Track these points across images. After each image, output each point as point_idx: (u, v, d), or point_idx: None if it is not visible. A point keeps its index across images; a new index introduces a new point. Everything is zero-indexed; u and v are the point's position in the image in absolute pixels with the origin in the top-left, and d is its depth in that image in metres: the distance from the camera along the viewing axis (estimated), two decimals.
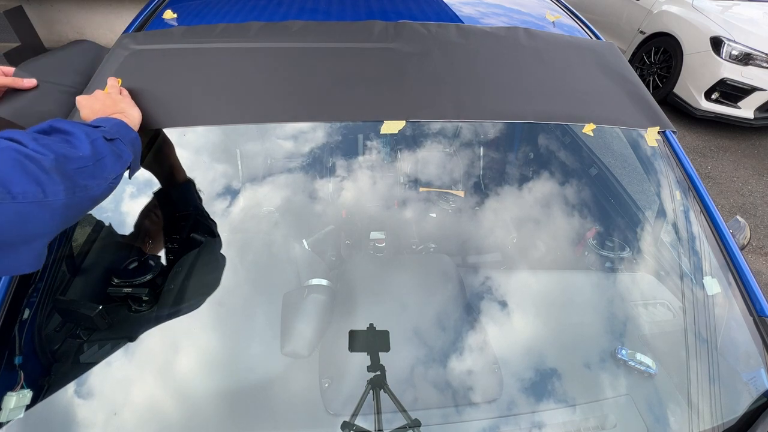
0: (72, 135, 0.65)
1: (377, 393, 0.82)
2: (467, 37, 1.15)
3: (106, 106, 0.83)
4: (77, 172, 0.62)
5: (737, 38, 3.56)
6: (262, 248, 1.16)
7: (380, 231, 1.27)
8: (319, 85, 1.00)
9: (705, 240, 1.02)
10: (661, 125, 1.12)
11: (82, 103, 0.84)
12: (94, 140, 0.68)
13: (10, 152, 0.54)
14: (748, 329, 0.90)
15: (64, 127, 0.66)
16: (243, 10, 1.29)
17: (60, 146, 0.61)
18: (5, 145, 0.55)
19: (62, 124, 0.67)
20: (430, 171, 1.55)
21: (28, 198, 0.54)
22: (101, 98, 0.85)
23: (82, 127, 0.69)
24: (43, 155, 0.57)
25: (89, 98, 0.85)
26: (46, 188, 0.56)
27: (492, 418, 0.83)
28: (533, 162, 1.65)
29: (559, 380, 0.90)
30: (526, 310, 1.04)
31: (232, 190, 1.31)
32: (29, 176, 0.54)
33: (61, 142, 0.63)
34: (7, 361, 0.76)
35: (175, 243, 1.06)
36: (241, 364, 0.90)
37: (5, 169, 0.53)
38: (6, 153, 0.54)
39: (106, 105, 0.84)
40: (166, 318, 0.94)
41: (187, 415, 0.81)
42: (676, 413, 0.86)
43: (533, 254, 1.27)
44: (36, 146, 0.57)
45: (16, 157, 0.54)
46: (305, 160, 1.47)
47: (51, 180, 0.57)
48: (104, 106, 0.83)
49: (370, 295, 1.04)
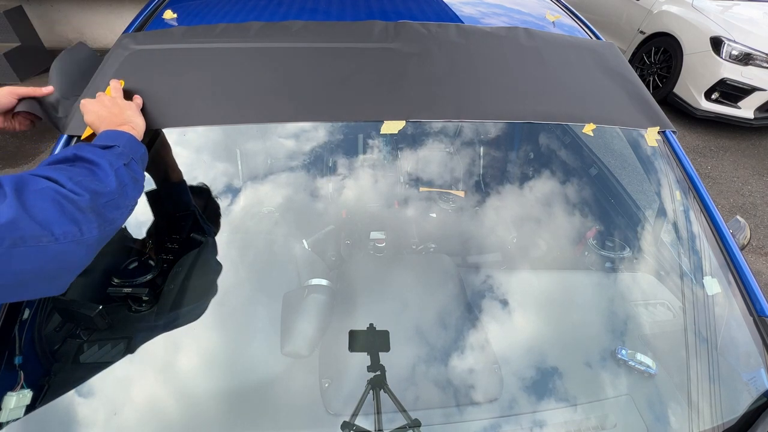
0: (97, 166, 0.67)
1: (377, 393, 0.82)
2: (467, 37, 1.15)
3: (113, 114, 0.82)
4: (105, 207, 0.64)
5: (737, 38, 3.56)
6: (262, 248, 1.16)
7: (380, 231, 1.27)
8: (319, 85, 1.00)
9: (705, 240, 1.02)
10: (661, 125, 1.12)
11: (88, 107, 0.83)
12: (117, 169, 0.70)
13: (50, 193, 0.57)
14: (748, 329, 0.90)
15: (89, 156, 0.68)
16: (243, 10, 1.29)
17: (90, 182, 0.64)
18: (45, 185, 0.58)
19: (86, 153, 0.68)
20: (430, 171, 1.55)
21: (68, 238, 0.57)
22: (107, 104, 0.84)
23: (105, 155, 0.70)
24: (80, 196, 0.60)
25: (94, 103, 0.84)
26: (82, 227, 0.59)
27: (492, 418, 0.83)
28: (533, 162, 1.65)
29: (559, 380, 0.90)
30: (526, 310, 1.04)
31: (232, 190, 1.31)
32: (68, 217, 0.58)
33: (89, 174, 0.65)
34: (7, 361, 0.76)
35: (175, 243, 1.06)
36: (241, 364, 0.90)
37: (49, 213, 0.56)
38: (47, 194, 0.57)
39: (113, 113, 0.83)
40: (166, 318, 0.94)
41: (187, 415, 0.81)
42: (676, 413, 0.86)
43: (533, 254, 1.27)
44: (72, 186, 0.60)
45: (56, 198, 0.57)
46: (305, 160, 1.46)
47: (86, 219, 0.60)
48: (111, 114, 0.82)
49: (370, 295, 1.04)
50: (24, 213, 0.54)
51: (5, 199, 0.54)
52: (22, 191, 0.56)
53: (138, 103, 0.90)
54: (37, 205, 0.55)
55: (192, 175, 1.22)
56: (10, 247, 0.52)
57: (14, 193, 0.55)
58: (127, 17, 1.12)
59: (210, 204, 1.23)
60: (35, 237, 0.54)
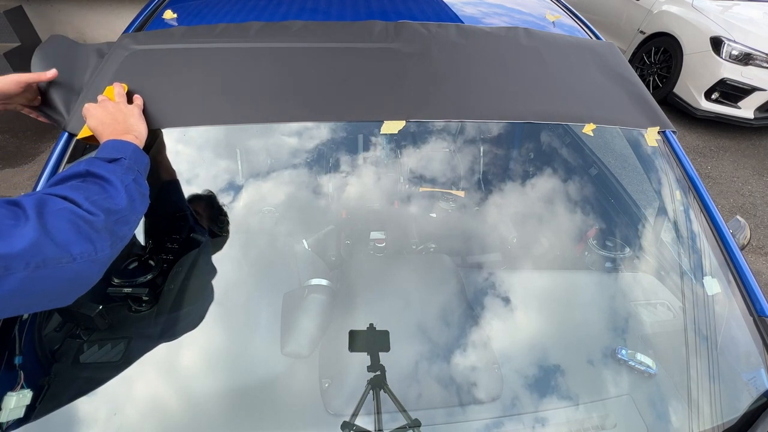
0: (109, 183, 0.68)
1: (377, 393, 0.82)
2: (467, 37, 1.15)
3: (116, 121, 0.82)
4: (116, 224, 0.66)
5: (737, 38, 3.56)
6: (262, 248, 1.16)
7: (380, 231, 1.27)
8: (320, 85, 1.00)
9: (705, 240, 1.02)
10: (661, 125, 1.12)
11: (91, 112, 0.82)
12: (127, 186, 0.71)
13: (68, 214, 0.59)
14: (748, 329, 0.90)
15: (100, 173, 0.69)
16: (243, 10, 1.29)
17: (104, 200, 0.65)
18: (63, 206, 0.59)
19: (98, 169, 0.69)
20: (430, 171, 1.55)
21: (84, 257, 0.59)
22: (111, 110, 0.83)
23: (115, 171, 0.71)
24: (95, 216, 0.62)
25: (98, 108, 0.83)
26: (96, 245, 0.61)
27: (492, 418, 0.83)
28: (533, 162, 1.65)
29: (559, 380, 0.90)
30: (526, 310, 1.04)
31: (232, 190, 1.31)
32: (84, 237, 0.59)
33: (101, 192, 0.66)
34: (7, 361, 0.76)
35: (175, 243, 1.06)
36: (242, 364, 0.90)
37: (68, 234, 0.57)
38: (65, 215, 0.58)
39: (117, 119, 0.82)
40: (166, 318, 0.94)
41: (187, 415, 0.81)
42: (676, 413, 0.86)
43: (533, 254, 1.27)
44: (88, 206, 0.62)
45: (72, 219, 0.59)
46: (305, 160, 1.46)
47: (100, 237, 0.62)
48: (114, 121, 0.82)
49: (370, 295, 1.04)
50: (45, 236, 0.55)
51: (28, 221, 0.55)
52: (42, 212, 0.57)
53: (139, 104, 0.90)
54: (56, 226, 0.57)
55: (192, 176, 1.22)
56: (34, 270, 0.53)
57: (36, 215, 0.56)
58: (127, 17, 1.11)
59: (210, 204, 1.22)
60: (56, 259, 0.55)
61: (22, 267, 0.52)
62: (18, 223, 0.54)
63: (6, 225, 0.53)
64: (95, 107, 0.83)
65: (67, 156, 0.93)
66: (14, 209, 0.56)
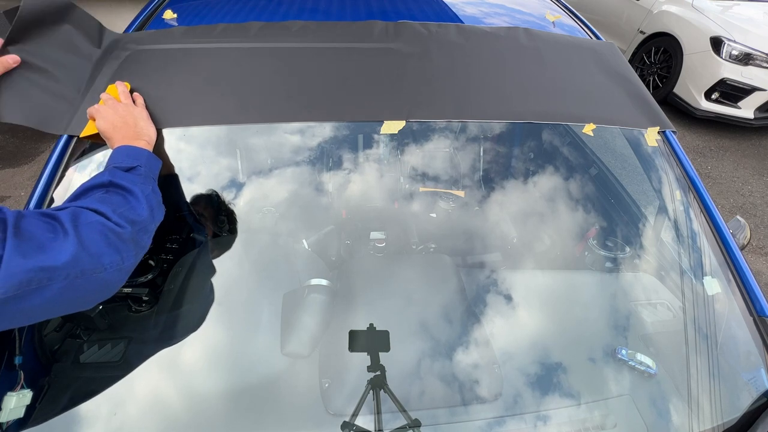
0: (131, 194, 0.71)
1: (377, 393, 0.82)
2: (467, 37, 1.15)
3: (128, 124, 0.81)
4: (139, 234, 0.69)
5: (737, 38, 3.56)
6: (262, 248, 1.16)
7: (380, 231, 1.27)
8: (319, 85, 1.00)
9: (705, 240, 1.02)
10: (661, 125, 1.12)
11: (101, 113, 0.81)
12: (147, 195, 0.73)
13: (99, 227, 0.62)
14: (748, 329, 0.90)
15: (123, 183, 0.71)
16: (243, 10, 1.29)
17: (128, 212, 0.68)
18: (95, 219, 0.63)
19: (120, 180, 0.71)
20: (430, 171, 1.55)
21: (113, 267, 0.62)
22: (121, 112, 0.82)
23: (136, 182, 0.73)
24: (123, 228, 0.65)
25: (107, 110, 0.82)
26: (123, 255, 0.64)
27: (492, 418, 0.83)
28: (533, 162, 1.65)
29: (559, 380, 0.90)
30: (526, 311, 1.04)
31: (232, 190, 1.31)
32: (113, 248, 0.63)
33: (125, 204, 0.69)
34: (7, 361, 0.76)
35: (175, 243, 1.06)
36: (242, 363, 0.90)
37: (100, 245, 0.61)
38: (96, 228, 0.62)
39: (128, 123, 0.81)
40: (166, 318, 0.94)
41: (187, 415, 0.81)
42: (676, 413, 0.86)
43: (533, 254, 1.27)
44: (117, 219, 0.65)
45: (103, 231, 0.62)
46: (305, 159, 1.46)
47: (127, 248, 0.65)
48: (125, 124, 0.81)
49: (370, 295, 1.04)
50: (82, 248, 0.58)
51: (67, 236, 0.58)
52: (77, 225, 0.60)
53: (141, 103, 0.89)
54: (90, 239, 0.60)
55: (191, 175, 1.22)
56: (73, 280, 0.57)
57: (73, 228, 0.59)
58: (127, 17, 1.12)
59: (210, 204, 1.22)
60: (91, 270, 0.59)
61: (63, 278, 0.56)
62: (57, 236, 0.57)
63: (47, 238, 0.56)
64: (105, 109, 0.82)
65: (68, 156, 0.93)
66: (52, 222, 0.59)
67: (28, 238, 0.54)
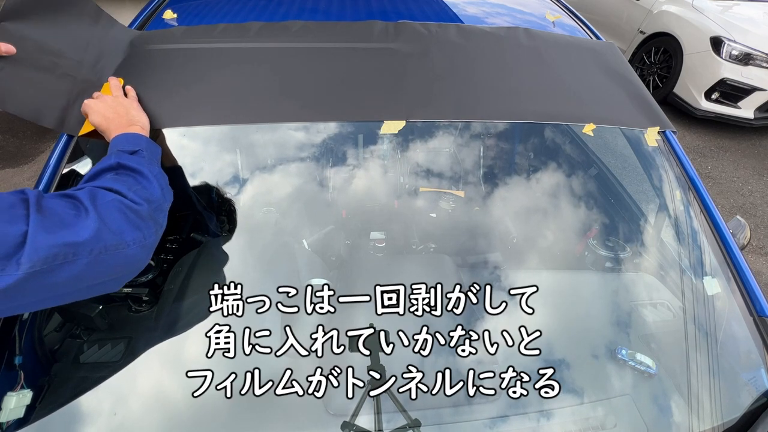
0: (141, 174, 0.72)
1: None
2: (467, 37, 1.15)
3: (118, 114, 0.81)
4: (156, 212, 0.70)
5: (737, 38, 3.56)
6: (262, 248, 1.16)
7: (380, 231, 1.27)
8: (319, 85, 1.00)
9: (705, 240, 1.02)
10: (662, 125, 1.12)
11: (92, 107, 0.82)
12: (156, 175, 0.74)
13: (117, 204, 0.63)
14: (748, 329, 0.90)
15: (131, 165, 0.72)
16: (243, 10, 1.29)
17: (142, 190, 0.69)
18: (112, 197, 0.64)
19: (128, 161, 0.72)
20: (431, 171, 1.55)
21: (137, 243, 0.64)
22: (111, 104, 0.83)
23: (143, 163, 0.74)
24: (140, 205, 0.66)
25: (97, 103, 0.82)
26: (144, 232, 0.65)
27: (492, 418, 0.83)
28: (533, 162, 1.65)
29: (559, 380, 0.90)
30: (526, 311, 1.04)
31: (232, 190, 1.31)
32: (133, 225, 0.64)
33: (136, 183, 0.70)
34: (7, 361, 0.76)
35: (175, 243, 1.06)
36: (241, 363, 0.90)
37: (120, 222, 0.62)
38: (114, 206, 0.63)
39: (118, 113, 0.82)
40: (166, 318, 0.94)
41: (187, 415, 0.81)
42: (676, 413, 0.86)
43: (533, 254, 1.27)
44: (133, 196, 0.66)
45: (121, 209, 0.64)
46: (305, 159, 1.46)
47: (146, 225, 0.66)
48: (116, 114, 0.81)
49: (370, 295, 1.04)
50: (103, 225, 0.60)
51: (88, 213, 0.60)
52: (96, 204, 0.61)
53: (132, 95, 0.89)
54: (110, 216, 0.62)
55: (191, 175, 1.22)
56: (98, 255, 0.59)
57: (92, 206, 0.61)
58: (127, 17, 1.11)
59: (209, 204, 1.22)
60: (114, 245, 0.61)
61: (87, 253, 0.57)
62: (79, 213, 0.59)
63: (69, 215, 0.58)
64: (95, 102, 0.83)
65: (68, 156, 0.93)
66: (73, 201, 0.61)
67: (50, 215, 0.56)
